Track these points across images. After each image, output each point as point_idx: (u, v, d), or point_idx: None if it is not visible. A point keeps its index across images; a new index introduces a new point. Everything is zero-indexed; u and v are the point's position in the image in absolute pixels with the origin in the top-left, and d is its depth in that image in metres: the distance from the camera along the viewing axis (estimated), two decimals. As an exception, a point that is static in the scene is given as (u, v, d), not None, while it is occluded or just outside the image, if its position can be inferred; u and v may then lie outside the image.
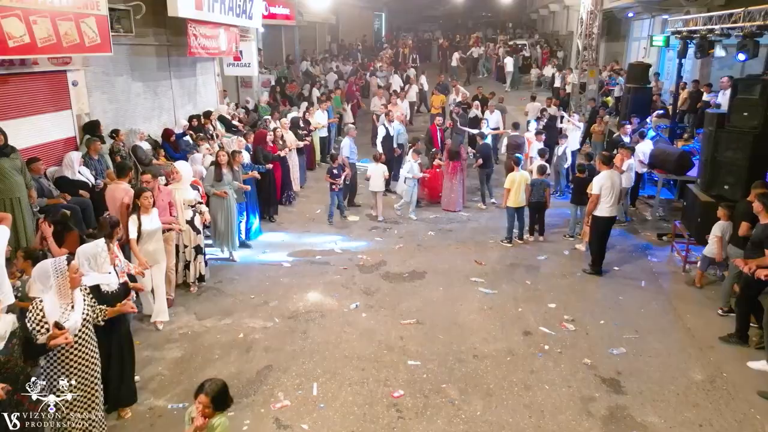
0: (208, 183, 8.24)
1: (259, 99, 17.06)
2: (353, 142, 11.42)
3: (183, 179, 7.34)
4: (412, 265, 8.64)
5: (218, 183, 8.16)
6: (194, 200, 7.37)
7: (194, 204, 7.38)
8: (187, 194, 7.33)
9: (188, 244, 7.44)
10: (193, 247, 7.48)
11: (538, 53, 28.23)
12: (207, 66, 13.78)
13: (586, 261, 8.79)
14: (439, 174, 11.56)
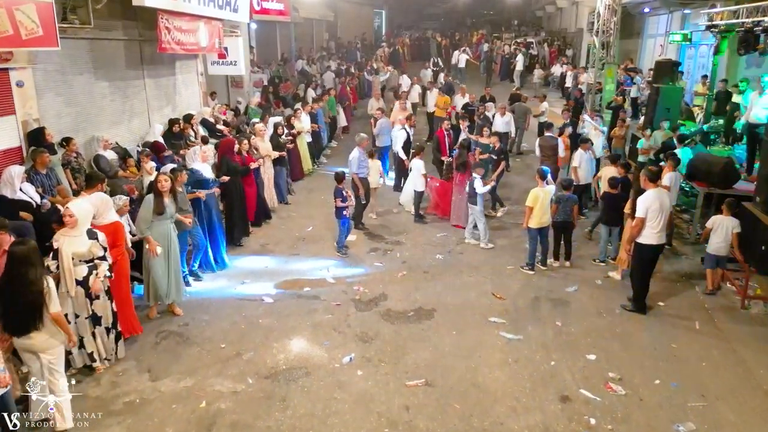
0: (144, 221, 6.12)
1: (249, 100, 15.63)
2: (363, 154, 9.57)
3: (78, 224, 5.11)
4: (418, 300, 7.18)
5: (160, 217, 6.18)
6: (91, 253, 5.14)
7: (92, 259, 5.16)
8: (79, 245, 5.07)
9: (80, 313, 5.29)
10: (88, 317, 5.33)
11: (545, 51, 26.74)
12: (188, 64, 12.33)
13: (622, 292, 7.37)
14: (452, 186, 10.11)
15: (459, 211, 9.79)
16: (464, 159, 9.66)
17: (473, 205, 8.83)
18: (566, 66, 21.87)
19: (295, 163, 11.66)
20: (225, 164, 8.20)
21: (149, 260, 6.18)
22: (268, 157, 9.82)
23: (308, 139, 12.31)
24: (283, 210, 10.56)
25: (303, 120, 12.13)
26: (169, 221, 6.31)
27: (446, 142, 10.79)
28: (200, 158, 8.01)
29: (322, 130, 13.25)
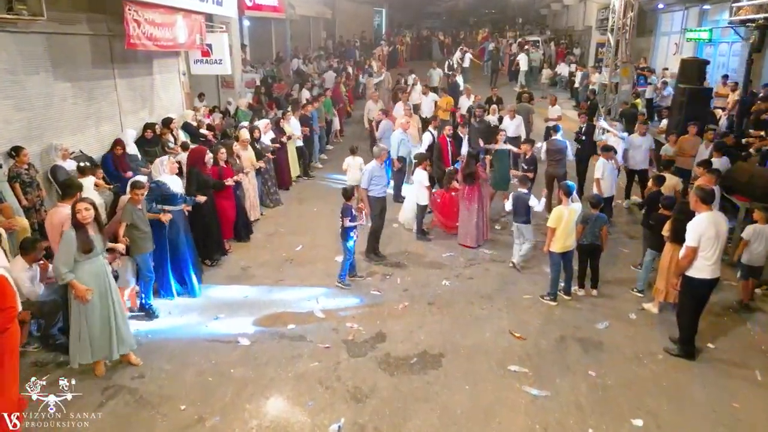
0: (65, 263, 4.75)
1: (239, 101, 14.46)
2: (381, 170, 7.91)
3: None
4: (423, 341, 6.02)
5: (85, 256, 4.85)
6: None
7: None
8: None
9: None
10: None
11: (552, 51, 25.55)
12: (168, 63, 11.17)
13: (661, 329, 6.22)
14: (455, 199, 8.95)
15: (468, 229, 8.62)
16: (472, 169, 8.49)
17: (524, 224, 7.65)
18: (575, 65, 20.66)
19: (283, 169, 10.48)
20: (194, 177, 7.02)
21: (80, 311, 4.93)
22: (252, 167, 8.64)
23: (299, 143, 11.12)
24: (269, 224, 9.40)
25: (293, 123, 10.94)
26: (101, 256, 5.06)
27: (449, 150, 9.60)
28: (168, 169, 6.82)
29: (315, 134, 12.05)
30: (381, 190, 7.91)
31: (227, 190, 7.64)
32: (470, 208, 8.57)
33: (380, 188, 7.89)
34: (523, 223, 7.61)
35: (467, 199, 8.56)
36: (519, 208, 7.61)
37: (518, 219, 7.67)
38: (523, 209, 7.58)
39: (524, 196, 7.55)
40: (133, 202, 5.91)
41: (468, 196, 8.55)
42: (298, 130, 11.03)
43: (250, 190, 8.77)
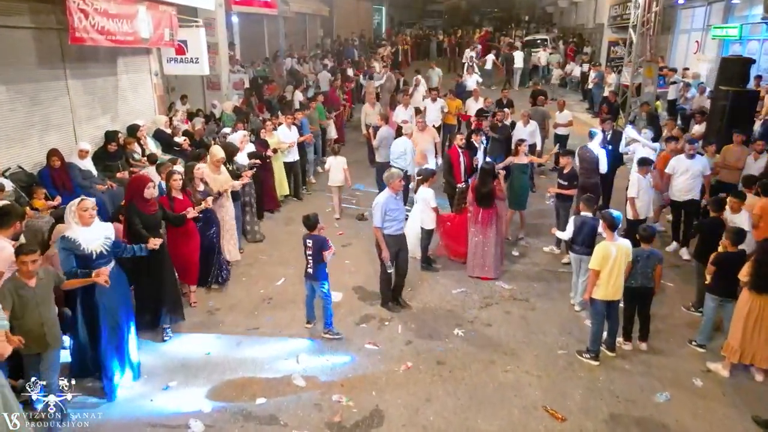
0: None
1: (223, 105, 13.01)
2: (397, 200, 6.19)
3: None
4: (431, 424, 4.56)
5: None
6: None
7: None
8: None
9: None
10: None
11: (561, 49, 24.03)
12: (137, 61, 9.70)
13: (737, 401, 4.76)
14: (466, 221, 7.49)
15: (480, 259, 7.15)
16: (489, 188, 7.02)
17: (588, 256, 6.13)
18: (588, 65, 19.16)
19: (266, 190, 8.96)
20: (129, 218, 5.30)
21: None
22: (225, 192, 6.89)
23: (288, 158, 9.59)
24: (248, 252, 7.94)
25: (281, 133, 9.42)
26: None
27: (461, 163, 8.12)
28: (77, 217, 4.50)
29: (307, 145, 10.53)
30: (398, 226, 6.19)
31: (186, 226, 5.95)
32: (485, 234, 7.10)
33: (397, 224, 6.17)
34: (586, 254, 6.14)
35: (481, 224, 7.09)
36: (584, 236, 6.16)
37: (580, 249, 6.22)
38: (589, 238, 6.14)
39: (591, 222, 6.12)
40: (19, 276, 4.00)
41: (482, 220, 7.08)
42: (288, 138, 9.48)
43: (227, 220, 7.08)
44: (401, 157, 8.98)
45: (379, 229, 6.05)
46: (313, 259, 5.81)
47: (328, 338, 5.80)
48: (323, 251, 5.77)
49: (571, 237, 6.26)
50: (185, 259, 6.01)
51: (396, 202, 6.15)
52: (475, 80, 16.48)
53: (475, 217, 7.13)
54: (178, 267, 5.83)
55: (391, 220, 6.08)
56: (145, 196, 5.24)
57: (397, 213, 6.15)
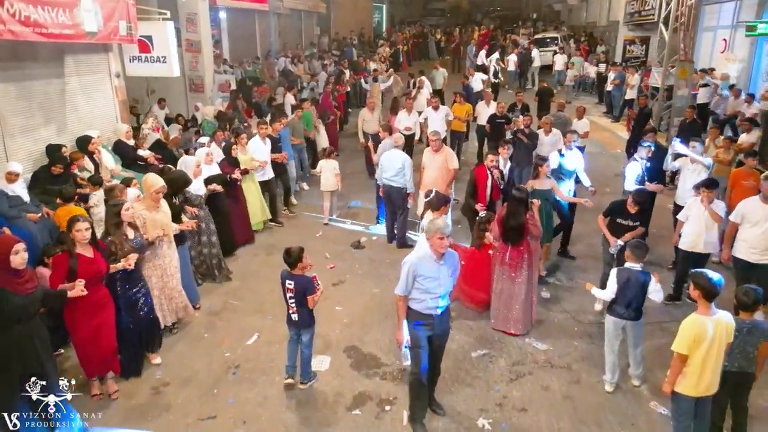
0: None
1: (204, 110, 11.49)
2: (438, 265, 4.03)
3: None
4: None
5: None
6: None
7: None
8: None
9: None
10: None
11: (572, 49, 22.41)
12: (92, 61, 8.12)
13: None
14: (488, 260, 5.94)
15: (508, 311, 5.60)
16: (520, 221, 5.45)
17: (636, 322, 4.65)
18: (605, 65, 17.55)
19: (236, 221, 7.34)
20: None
21: None
22: (166, 236, 5.12)
23: (263, 175, 7.99)
24: (216, 294, 6.39)
25: (253, 147, 7.84)
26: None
27: (487, 186, 6.54)
28: None
29: (290, 159, 8.94)
30: (433, 303, 4.04)
31: (95, 294, 4.19)
32: (514, 279, 5.54)
33: (431, 300, 4.02)
34: (633, 319, 4.59)
35: (509, 265, 5.54)
36: (631, 297, 4.58)
37: (625, 312, 4.63)
38: (637, 298, 4.57)
39: (641, 277, 4.55)
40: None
41: (510, 261, 5.52)
42: (261, 154, 7.89)
43: (168, 272, 5.19)
44: (399, 173, 7.44)
45: (402, 298, 4.09)
46: (297, 304, 4.51)
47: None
48: (308, 296, 4.47)
49: (613, 297, 4.70)
50: (92, 344, 4.30)
51: (435, 266, 4.00)
52: (479, 80, 14.90)
53: (501, 256, 5.57)
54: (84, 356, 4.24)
55: (423, 292, 4.00)
56: (13, 266, 3.57)
57: (435, 284, 3.99)
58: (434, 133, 7.68)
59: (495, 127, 10.62)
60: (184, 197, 5.84)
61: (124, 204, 4.40)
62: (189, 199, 5.93)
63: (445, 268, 4.03)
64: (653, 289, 4.55)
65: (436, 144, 7.45)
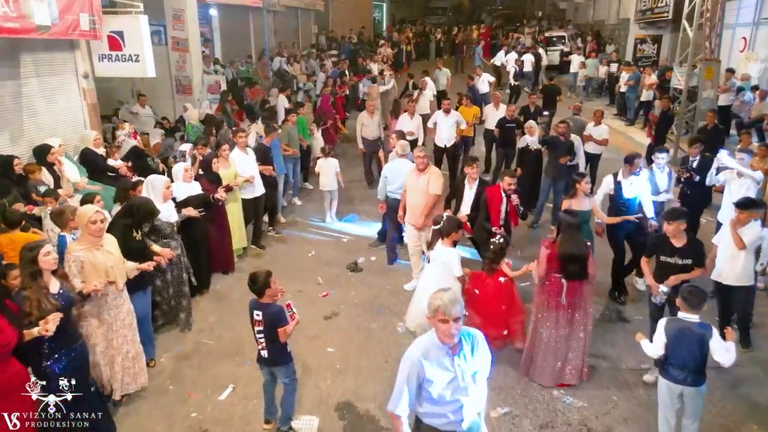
0: None
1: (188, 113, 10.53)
2: (449, 357, 2.72)
3: None
4: None
5: None
6: None
7: None
8: None
9: None
10: None
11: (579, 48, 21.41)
12: (55, 60, 7.17)
13: None
14: (504, 289, 4.97)
15: (557, 358, 4.61)
16: (584, 251, 4.44)
17: (696, 388, 3.69)
18: (617, 65, 16.56)
19: (216, 246, 6.32)
20: None
21: None
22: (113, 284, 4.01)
23: (247, 192, 7.00)
24: (188, 334, 5.43)
25: (236, 159, 6.85)
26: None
27: (501, 210, 5.58)
28: None
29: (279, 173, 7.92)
30: (444, 419, 2.79)
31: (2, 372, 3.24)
32: (572, 323, 4.55)
33: (453, 411, 2.78)
34: (691, 384, 3.64)
35: (566, 308, 4.51)
36: (685, 355, 3.61)
37: (681, 375, 3.65)
38: (695, 357, 3.60)
39: (697, 330, 3.59)
40: None
41: (569, 302, 4.50)
42: (246, 168, 6.90)
43: (121, 332, 4.14)
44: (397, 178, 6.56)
45: (398, 419, 2.75)
46: (266, 339, 3.77)
47: None
48: (278, 327, 3.73)
49: (663, 354, 3.73)
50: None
51: (449, 361, 2.71)
52: (486, 81, 13.92)
53: (554, 298, 4.52)
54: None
55: (432, 402, 2.76)
56: None
57: (452, 388, 2.72)
58: (421, 149, 6.28)
59: (505, 131, 9.68)
60: (152, 227, 4.86)
61: (42, 247, 3.39)
62: (158, 229, 4.95)
63: (465, 361, 2.75)
64: (718, 348, 3.57)
65: (422, 162, 5.98)
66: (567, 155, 7.44)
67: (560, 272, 4.43)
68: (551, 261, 4.42)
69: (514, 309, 5.02)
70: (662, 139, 10.29)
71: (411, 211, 6.06)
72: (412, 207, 6.03)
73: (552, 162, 7.67)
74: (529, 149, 8.64)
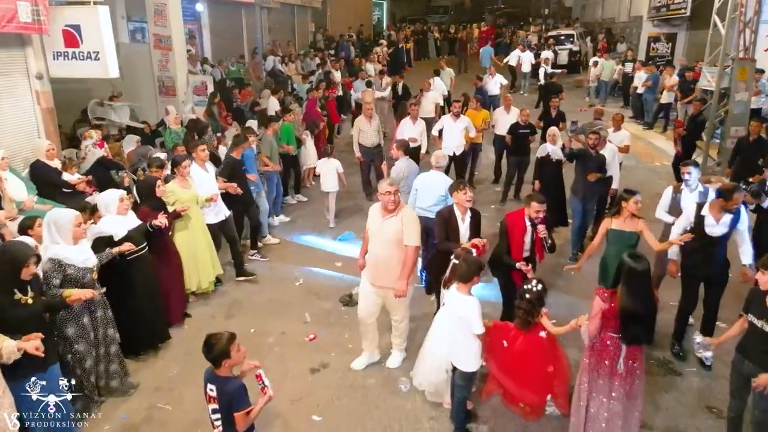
0: None
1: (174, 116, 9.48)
2: None
3: None
4: None
5: None
6: None
7: None
8: None
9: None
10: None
11: (588, 47, 20.38)
12: (1, 58, 6.10)
13: None
14: (537, 344, 3.89)
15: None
16: (653, 309, 3.42)
17: None
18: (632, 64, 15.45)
19: (167, 291, 5.16)
20: None
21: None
22: None
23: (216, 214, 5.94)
24: (136, 391, 4.37)
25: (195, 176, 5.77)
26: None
27: (525, 242, 4.52)
28: None
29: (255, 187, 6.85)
30: None
31: None
32: (629, 393, 3.53)
33: None
34: None
35: (622, 376, 3.49)
36: None
37: None
38: None
39: None
40: None
41: (627, 368, 3.47)
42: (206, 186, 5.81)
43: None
44: (441, 202, 5.46)
45: None
46: (223, 421, 2.97)
47: None
48: (235, 412, 2.91)
49: None
50: None
51: None
52: (499, 83, 12.85)
53: (609, 363, 3.49)
54: None
55: None
56: None
57: None
58: (390, 182, 4.37)
59: (517, 138, 8.64)
60: (46, 282, 3.77)
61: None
62: (72, 279, 3.86)
63: None
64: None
65: (390, 201, 4.23)
66: (598, 172, 6.35)
67: (618, 332, 3.38)
68: (608, 318, 3.37)
69: (562, 370, 3.94)
70: (692, 148, 9.23)
71: (373, 266, 4.43)
72: (374, 260, 4.42)
73: (580, 179, 6.56)
74: (549, 159, 7.59)
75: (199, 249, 5.44)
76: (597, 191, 6.42)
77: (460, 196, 4.58)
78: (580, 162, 6.56)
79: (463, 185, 4.66)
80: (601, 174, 6.36)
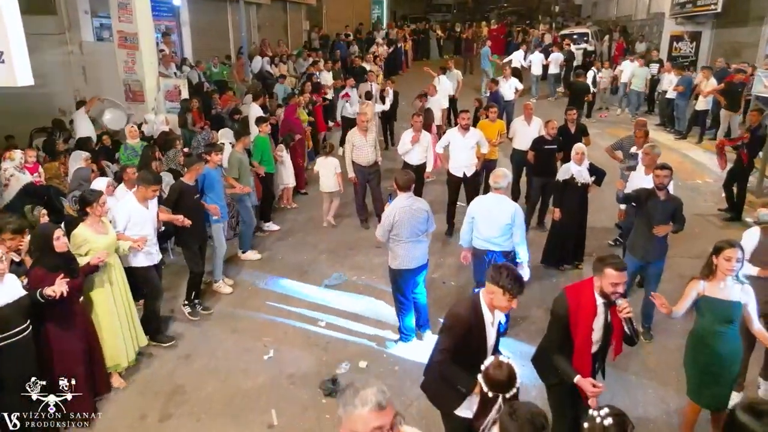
0: None
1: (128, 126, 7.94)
2: None
3: None
4: None
5: None
6: None
7: None
8: None
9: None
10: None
11: (603, 47, 18.75)
12: None
13: None
14: None
15: None
16: None
17: None
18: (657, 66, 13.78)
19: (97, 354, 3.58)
20: None
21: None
22: None
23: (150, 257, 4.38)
24: None
25: (122, 216, 4.24)
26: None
27: (594, 328, 2.93)
28: None
29: (214, 221, 5.28)
30: None
31: None
32: None
33: None
34: None
35: None
36: None
37: None
38: None
39: None
40: None
41: None
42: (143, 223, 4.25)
43: None
44: (504, 232, 4.30)
45: None
46: None
47: None
48: None
49: None
50: None
51: None
52: (513, 86, 11.24)
53: None
54: None
55: None
56: None
57: None
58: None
59: (542, 156, 7.06)
60: None
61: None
62: None
63: None
64: None
65: None
66: (672, 222, 4.69)
67: None
68: None
69: None
70: (749, 166, 7.65)
71: None
72: None
73: (642, 231, 4.77)
74: (574, 182, 6.04)
75: (120, 311, 3.88)
76: (663, 249, 4.74)
77: (502, 301, 2.82)
78: (640, 206, 4.84)
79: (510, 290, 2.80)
80: (676, 226, 4.69)
